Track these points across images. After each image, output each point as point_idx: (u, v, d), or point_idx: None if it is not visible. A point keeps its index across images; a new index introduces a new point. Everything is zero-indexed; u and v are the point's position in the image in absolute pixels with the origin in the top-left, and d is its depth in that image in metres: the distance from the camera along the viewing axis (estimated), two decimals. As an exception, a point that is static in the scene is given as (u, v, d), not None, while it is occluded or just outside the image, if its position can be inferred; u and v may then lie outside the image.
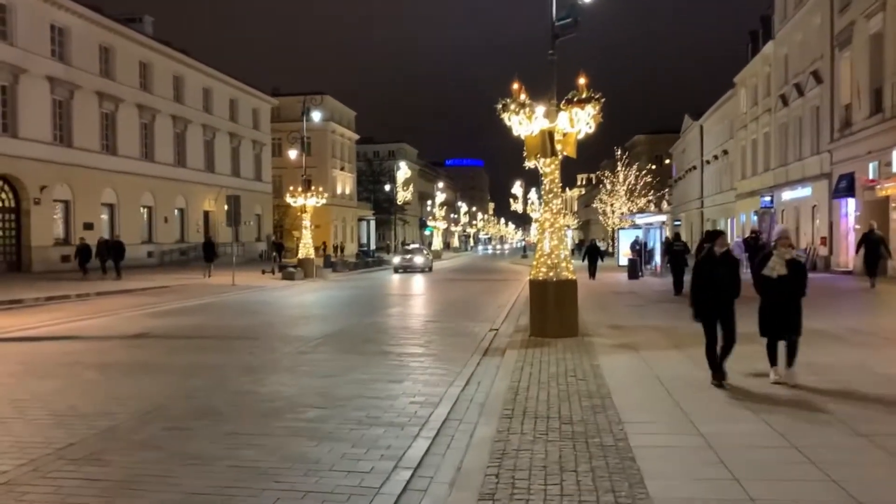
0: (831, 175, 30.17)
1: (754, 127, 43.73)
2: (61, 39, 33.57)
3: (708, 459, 5.34)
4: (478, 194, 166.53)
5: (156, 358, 10.62)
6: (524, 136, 11.96)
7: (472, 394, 8.15)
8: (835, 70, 29.90)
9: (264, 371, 9.54)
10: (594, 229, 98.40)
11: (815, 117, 32.71)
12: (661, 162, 78.12)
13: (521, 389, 7.86)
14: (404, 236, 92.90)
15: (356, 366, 9.90)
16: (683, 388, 7.84)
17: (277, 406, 7.50)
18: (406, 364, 10.14)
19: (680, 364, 9.37)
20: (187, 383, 8.67)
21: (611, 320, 14.43)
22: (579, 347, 10.75)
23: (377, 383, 8.72)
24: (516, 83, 11.65)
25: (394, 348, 11.77)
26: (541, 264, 12.14)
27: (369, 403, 7.61)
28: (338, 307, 19.71)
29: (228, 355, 10.86)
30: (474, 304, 19.76)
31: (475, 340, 12.41)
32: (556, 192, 12.19)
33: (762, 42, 41.74)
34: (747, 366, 8.60)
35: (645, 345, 10.96)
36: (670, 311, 16.61)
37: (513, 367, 9.22)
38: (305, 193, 32.62)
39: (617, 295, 21.17)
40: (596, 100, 11.37)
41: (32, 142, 31.39)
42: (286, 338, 12.79)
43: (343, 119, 74.92)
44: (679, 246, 21.89)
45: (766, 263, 7.88)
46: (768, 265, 7.86)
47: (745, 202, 45.14)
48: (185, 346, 11.92)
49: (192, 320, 15.64)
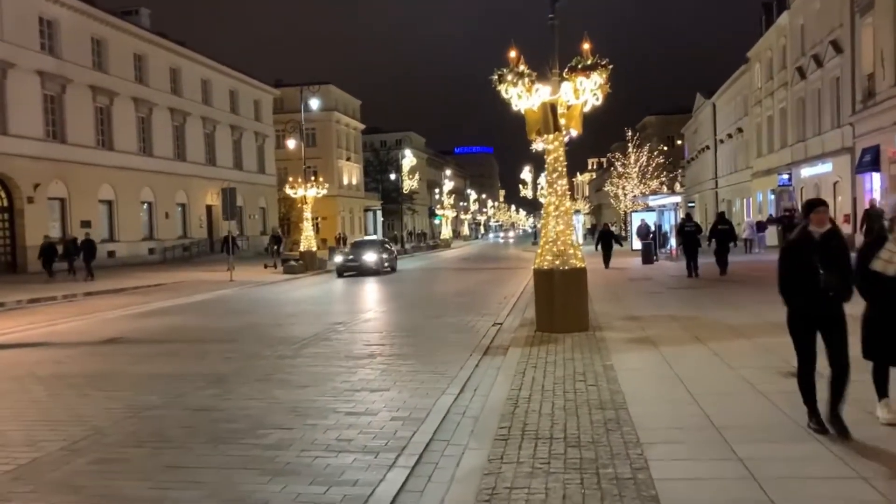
0: (854, 149, 28.73)
1: (770, 102, 42.16)
2: (51, 32, 32.55)
3: (753, 498, 4.21)
4: (487, 182, 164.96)
5: (117, 367, 9.59)
6: (524, 110, 10.79)
7: (466, 404, 7.04)
8: (855, 38, 28.39)
9: (234, 381, 8.48)
10: (606, 213, 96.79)
11: (835, 89, 31.21)
12: (672, 143, 76.46)
13: (521, 399, 6.75)
14: (413, 225, 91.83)
15: (339, 372, 8.82)
16: (713, 394, 6.69)
17: (236, 428, 6.42)
18: (396, 368, 9.05)
19: (705, 362, 8.21)
20: (141, 399, 7.61)
21: (625, 310, 13.26)
22: (590, 344, 9.62)
23: (359, 393, 7.64)
24: (513, 50, 10.45)
25: (385, 349, 10.69)
26: (546, 251, 10.97)
27: (344, 421, 6.52)
28: (334, 302, 18.66)
29: (199, 362, 9.81)
30: (480, 295, 18.65)
31: (476, 337, 11.29)
32: (561, 171, 10.99)
33: (776, 13, 40.10)
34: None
35: (663, 338, 9.81)
36: (688, 297, 15.44)
37: (514, 370, 8.11)
38: (305, 184, 31.52)
39: (631, 281, 19.98)
40: (603, 66, 10.16)
41: (24, 139, 30.45)
42: (269, 340, 11.73)
43: (348, 109, 73.70)
44: (690, 227, 21.17)
45: (875, 253, 5.21)
46: (879, 256, 5.17)
47: (762, 181, 43.65)
48: (154, 352, 10.87)
49: (175, 321, 14.62)
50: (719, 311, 12.53)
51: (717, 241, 20.60)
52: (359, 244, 29.85)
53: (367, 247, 28.63)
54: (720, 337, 9.75)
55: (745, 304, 13.54)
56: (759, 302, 13.64)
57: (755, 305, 13.05)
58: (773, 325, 10.60)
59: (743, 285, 17.73)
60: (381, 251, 28.54)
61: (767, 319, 11.10)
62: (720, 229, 20.72)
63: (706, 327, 10.73)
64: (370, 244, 29.65)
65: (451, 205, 74.89)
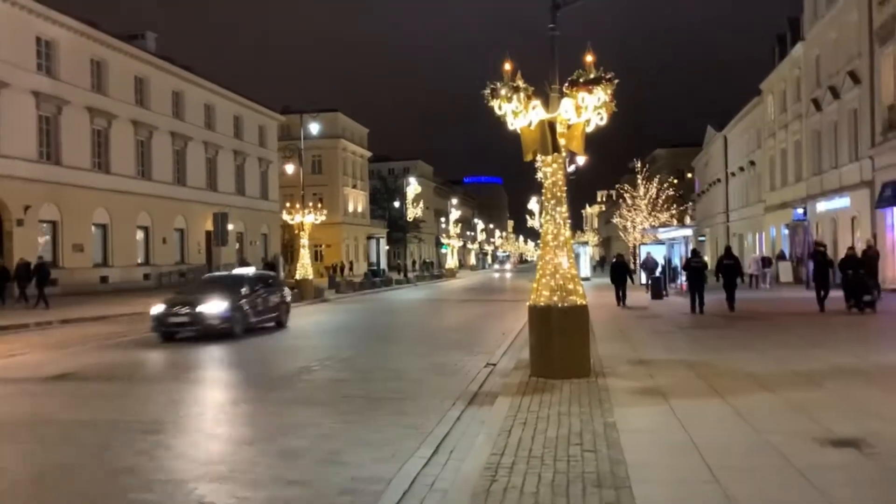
0: (873, 183, 27.52)
1: (783, 135, 41.07)
2: (48, 52, 31.94)
3: None
4: (496, 212, 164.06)
5: (49, 411, 8.41)
6: (520, 129, 9.69)
7: (438, 472, 5.82)
8: (874, 68, 27.34)
9: (172, 431, 7.29)
10: (615, 245, 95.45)
11: (852, 121, 30.09)
12: (682, 177, 75.15)
13: (502, 469, 5.53)
14: (420, 254, 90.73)
15: (298, 423, 7.61)
16: (736, 469, 5.44)
17: (146, 501, 5.22)
18: (365, 419, 7.83)
19: (725, 422, 6.95)
20: (54, 455, 6.43)
21: (631, 352, 12.01)
22: (590, 393, 8.39)
23: (311, 453, 6.42)
24: (508, 62, 9.38)
25: (359, 390, 9.51)
26: (542, 286, 9.75)
27: (280, 495, 5.31)
28: (320, 336, 17.44)
29: (144, 406, 8.62)
30: (476, 331, 17.41)
31: (463, 381, 10.06)
32: (560, 197, 9.83)
33: (790, 45, 39.21)
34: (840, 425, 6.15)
35: (676, 390, 8.56)
36: (700, 338, 14.18)
37: (500, 427, 6.88)
38: (303, 210, 30.52)
39: (639, 318, 18.72)
40: (607, 80, 9.05)
41: (15, 159, 29.64)
42: (235, 378, 10.54)
43: (355, 136, 73.22)
44: (696, 262, 20.29)
45: None
46: None
47: (775, 215, 42.37)
48: (100, 392, 9.67)
49: (138, 356, 13.40)
50: (735, 356, 11.27)
51: (723, 276, 20.02)
52: (204, 284, 17.96)
53: (214, 288, 16.38)
54: (740, 389, 8.50)
55: (763, 347, 12.30)
56: (778, 345, 12.45)
57: (774, 350, 11.84)
58: (797, 374, 9.39)
59: (754, 323, 16.69)
60: (245, 295, 16.44)
61: (791, 368, 9.90)
62: (726, 264, 20.23)
63: (723, 376, 9.48)
64: (222, 284, 17.04)
65: (457, 234, 73.72)
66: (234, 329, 15.52)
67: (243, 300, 16.35)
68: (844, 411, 7.26)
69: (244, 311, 16.20)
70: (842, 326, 15.34)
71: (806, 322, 16.53)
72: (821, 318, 17.12)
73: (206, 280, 19.01)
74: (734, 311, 19.14)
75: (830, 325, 15.70)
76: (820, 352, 11.42)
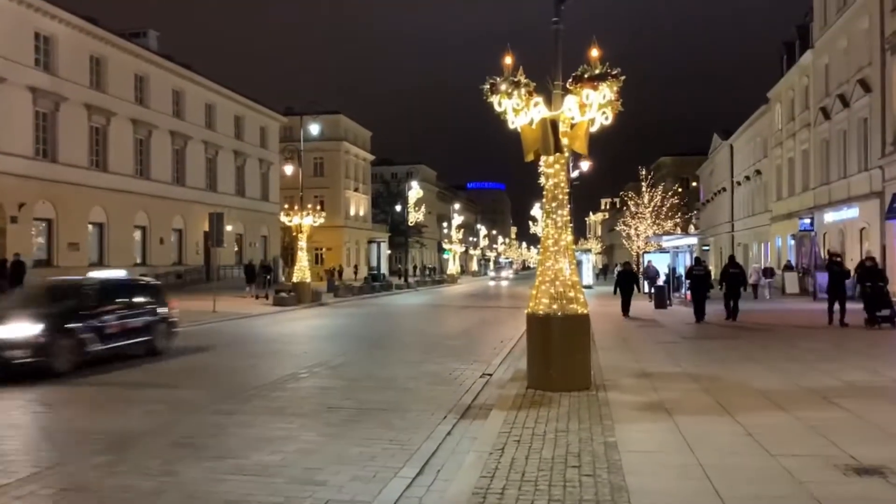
0: (883, 193, 26.95)
1: (791, 144, 40.51)
2: (46, 48, 31.49)
3: None
4: (499, 218, 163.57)
5: (20, 417, 7.91)
6: (521, 127, 9.19)
7: (421, 494, 5.32)
8: (886, 77, 26.80)
9: (140, 445, 6.77)
10: (619, 254, 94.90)
11: (862, 130, 29.54)
12: (687, 185, 74.75)
13: (491, 494, 5.01)
14: (422, 260, 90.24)
15: (276, 437, 7.09)
16: (751, 499, 4.91)
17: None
18: (347, 433, 7.30)
19: (736, 444, 6.40)
20: (4, 468, 5.91)
21: (635, 364, 11.47)
22: (590, 408, 7.86)
23: (285, 471, 5.90)
24: (508, 56, 8.89)
25: (346, 400, 8.98)
26: (542, 293, 9.24)
27: (244, 520, 4.80)
28: (313, 341, 16.93)
29: (116, 415, 8.11)
30: (475, 338, 16.86)
31: (457, 393, 9.54)
32: (561, 199, 9.33)
33: (799, 53, 38.70)
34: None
35: (681, 405, 8.03)
36: (706, 350, 13.63)
37: (491, 446, 6.36)
38: (301, 212, 30.04)
39: (642, 328, 18.16)
40: (613, 77, 8.56)
41: (10, 156, 29.19)
42: (217, 386, 10.03)
43: (358, 139, 72.80)
44: (699, 271, 20.12)
45: None
46: None
47: (782, 225, 41.79)
48: (74, 398, 9.16)
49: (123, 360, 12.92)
50: (743, 369, 10.73)
51: (727, 285, 19.96)
52: (23, 295, 14.34)
53: (28, 302, 12.14)
54: (750, 406, 7.96)
55: (771, 360, 11.77)
56: (787, 359, 11.91)
57: (783, 363, 11.30)
58: (811, 392, 8.85)
59: (760, 334, 16.19)
60: (83, 313, 11.61)
61: (802, 384, 9.36)
62: (732, 273, 20.16)
63: (731, 391, 8.94)
64: (47, 295, 12.40)
65: (459, 240, 73.18)
66: (52, 364, 10.52)
67: (78, 320, 11.36)
68: (864, 434, 6.72)
69: (77, 337, 11.19)
70: (853, 340, 14.75)
71: (814, 335, 15.95)
72: (829, 331, 16.54)
73: (31, 290, 14.77)
74: (735, 319, 19.11)
75: (840, 338, 15.11)
76: (831, 366, 10.87)
